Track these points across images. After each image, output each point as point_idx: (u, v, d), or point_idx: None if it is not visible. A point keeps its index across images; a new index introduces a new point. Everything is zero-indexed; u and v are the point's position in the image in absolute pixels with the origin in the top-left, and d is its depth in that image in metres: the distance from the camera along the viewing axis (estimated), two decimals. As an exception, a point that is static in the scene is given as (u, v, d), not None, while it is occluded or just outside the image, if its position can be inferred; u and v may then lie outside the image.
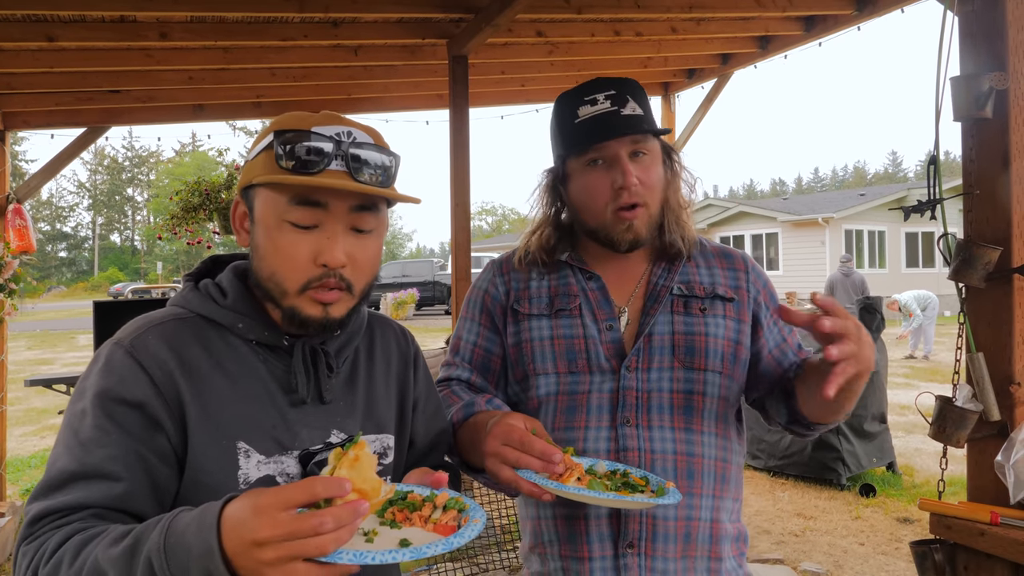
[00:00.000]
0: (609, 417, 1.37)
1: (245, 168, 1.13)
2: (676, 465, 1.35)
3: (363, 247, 1.10)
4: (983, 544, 1.86)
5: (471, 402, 1.40)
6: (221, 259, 1.24)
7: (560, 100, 1.45)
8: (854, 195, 27.20)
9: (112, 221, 70.46)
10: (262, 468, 1.07)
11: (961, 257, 1.95)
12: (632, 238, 1.40)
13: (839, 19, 4.94)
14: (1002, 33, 1.91)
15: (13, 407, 5.71)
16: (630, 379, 1.38)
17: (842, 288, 12.01)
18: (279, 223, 1.06)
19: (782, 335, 1.50)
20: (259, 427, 1.07)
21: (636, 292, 1.47)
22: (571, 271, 1.49)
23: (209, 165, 42.48)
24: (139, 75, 4.90)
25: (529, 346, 1.45)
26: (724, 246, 1.57)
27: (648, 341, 1.40)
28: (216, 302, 1.12)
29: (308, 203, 1.05)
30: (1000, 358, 1.95)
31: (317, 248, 1.06)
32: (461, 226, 4.75)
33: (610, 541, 1.34)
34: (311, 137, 1.04)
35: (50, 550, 0.92)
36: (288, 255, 1.06)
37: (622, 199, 1.37)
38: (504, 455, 1.15)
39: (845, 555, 4.48)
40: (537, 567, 1.44)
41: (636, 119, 1.37)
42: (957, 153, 2.43)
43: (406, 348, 1.34)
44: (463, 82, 4.67)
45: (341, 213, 1.07)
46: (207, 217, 5.92)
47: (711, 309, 1.43)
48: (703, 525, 1.36)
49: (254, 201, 1.10)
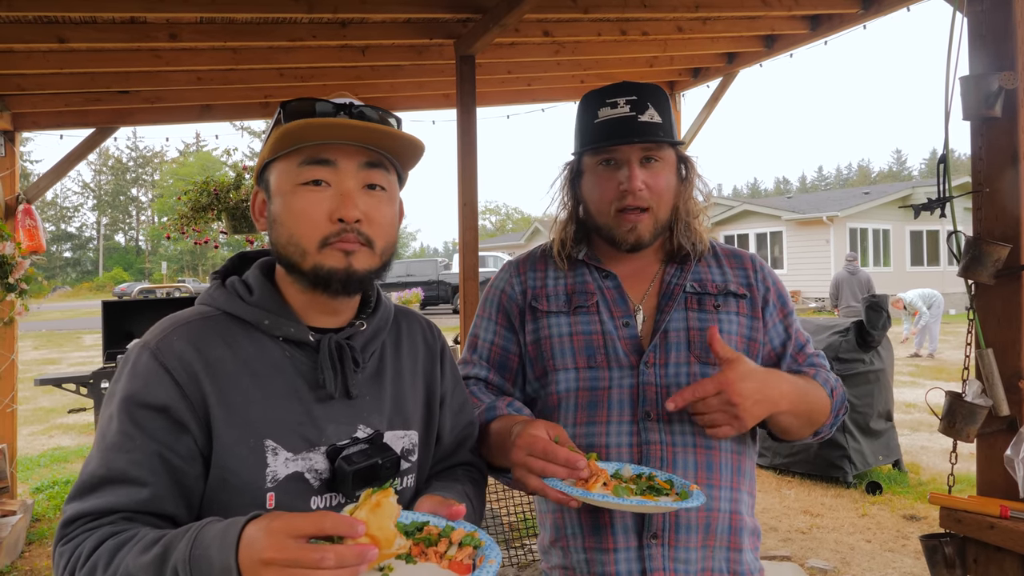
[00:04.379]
0: (631, 412, 1.40)
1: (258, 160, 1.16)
2: (696, 458, 1.38)
3: (377, 206, 1.12)
4: (993, 537, 1.88)
5: (492, 406, 1.43)
6: (248, 256, 1.26)
7: (585, 98, 1.50)
8: (858, 193, 27.13)
9: (116, 221, 70.64)
10: (290, 465, 1.08)
11: (970, 254, 1.97)
12: (634, 240, 1.45)
13: (845, 18, 4.94)
14: (1011, 33, 1.93)
15: (22, 407, 5.74)
16: (649, 374, 1.41)
17: (848, 286, 11.98)
18: (293, 188, 1.09)
19: (788, 333, 1.53)
20: (286, 424, 1.08)
21: (650, 290, 1.51)
22: (587, 269, 1.53)
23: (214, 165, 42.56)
24: (148, 76, 4.92)
25: (548, 342, 1.48)
26: (734, 247, 1.61)
27: (664, 337, 1.44)
28: (242, 299, 1.13)
29: (317, 162, 1.08)
30: (1009, 354, 1.97)
31: (332, 205, 1.08)
32: (469, 225, 4.77)
33: (634, 532, 1.37)
34: (315, 103, 1.09)
35: (85, 554, 0.96)
36: (305, 215, 1.08)
37: (625, 201, 1.43)
38: (530, 465, 1.18)
39: (852, 552, 4.49)
40: (558, 560, 1.46)
41: (652, 127, 1.42)
42: (963, 151, 2.44)
43: (433, 342, 1.34)
44: (470, 82, 4.68)
45: (351, 170, 1.09)
46: (215, 217, 5.96)
47: (724, 305, 1.48)
48: (723, 516, 1.40)
49: (269, 181, 1.13)
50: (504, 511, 4.63)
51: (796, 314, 1.57)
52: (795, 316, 1.56)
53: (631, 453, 1.38)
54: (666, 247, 1.53)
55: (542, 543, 1.54)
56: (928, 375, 11.38)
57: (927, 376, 11.25)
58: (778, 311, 1.53)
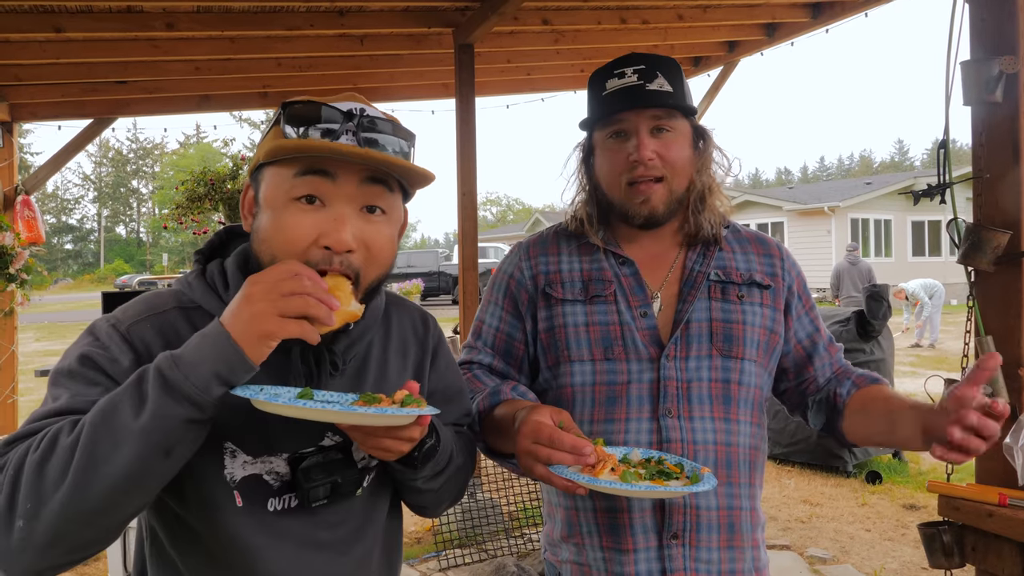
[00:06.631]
0: (650, 408, 1.34)
1: (256, 152, 1.08)
2: (716, 456, 1.34)
3: (375, 230, 1.02)
4: (991, 525, 1.87)
5: (496, 390, 1.37)
6: (236, 232, 1.19)
7: (593, 75, 1.44)
8: (860, 184, 27.05)
9: (117, 213, 70.58)
10: (248, 468, 1.04)
11: (970, 241, 1.96)
12: (648, 212, 1.38)
13: (846, 5, 4.91)
14: (1012, 17, 1.91)
15: (23, 398, 5.75)
16: (670, 369, 1.35)
17: (848, 277, 11.97)
18: (285, 202, 0.99)
19: (815, 325, 1.49)
20: (248, 427, 1.02)
21: (669, 277, 1.44)
22: (604, 255, 1.45)
23: (214, 156, 42.47)
24: (145, 66, 4.91)
25: (563, 332, 1.41)
26: (758, 232, 1.55)
27: (686, 328, 1.37)
28: (218, 295, 1.07)
29: (314, 172, 0.98)
30: (1009, 341, 1.96)
31: (322, 228, 0.98)
32: (468, 215, 4.75)
33: (654, 532, 1.32)
34: (320, 108, 0.99)
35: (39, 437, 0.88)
36: (289, 236, 0.98)
37: (636, 172, 1.35)
38: (536, 453, 1.13)
39: (851, 541, 4.49)
40: (571, 556, 1.41)
41: (662, 95, 1.35)
42: (964, 141, 2.42)
43: (424, 335, 1.27)
44: (469, 71, 4.66)
45: (350, 186, 1.00)
46: (212, 207, 5.95)
47: (748, 296, 1.41)
48: (745, 514, 1.37)
49: (261, 183, 1.04)
50: (504, 501, 4.64)
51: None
52: (817, 308, 1.53)
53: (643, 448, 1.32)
54: (684, 229, 1.45)
55: (551, 536, 1.48)
56: (929, 365, 11.37)
57: (928, 366, 11.24)
58: (804, 303, 1.49)
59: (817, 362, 1.48)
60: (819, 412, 1.47)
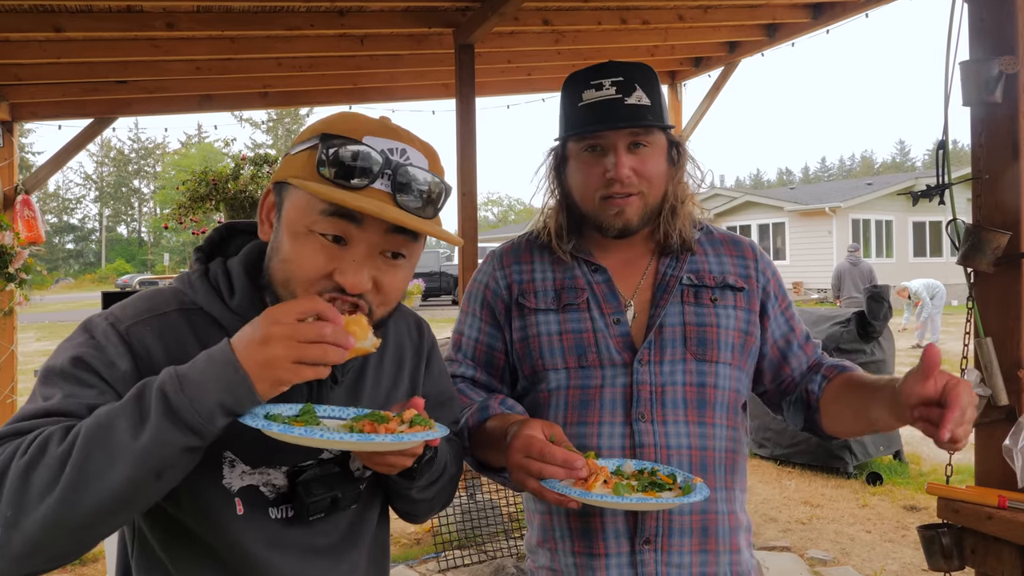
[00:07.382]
0: (623, 413, 1.34)
1: (285, 161, 1.04)
2: (691, 460, 1.33)
3: (392, 273, 1.02)
4: (990, 528, 1.87)
5: (484, 405, 1.37)
6: (237, 228, 1.16)
7: (569, 80, 1.41)
8: (861, 184, 27.06)
9: (119, 213, 70.64)
10: (246, 478, 1.03)
11: (970, 242, 1.95)
12: (622, 225, 1.37)
13: (847, 5, 4.91)
14: (1012, 17, 1.91)
15: (22, 398, 5.75)
16: (643, 373, 1.35)
17: (850, 277, 11.96)
18: (307, 232, 0.97)
19: (789, 325, 1.48)
20: (249, 437, 0.98)
21: (642, 284, 1.43)
22: (577, 263, 1.45)
23: (215, 156, 42.53)
24: (146, 65, 4.91)
25: (537, 341, 1.41)
26: (731, 233, 1.54)
27: (659, 333, 1.37)
28: (223, 300, 1.05)
29: (341, 215, 0.96)
30: (1008, 343, 1.95)
31: (339, 267, 0.97)
32: (468, 216, 4.76)
33: (626, 538, 1.32)
34: (359, 148, 0.96)
35: (27, 441, 0.85)
36: (306, 266, 0.97)
37: (612, 189, 1.34)
38: (528, 467, 1.13)
39: (852, 542, 4.49)
40: (546, 562, 1.41)
41: (640, 109, 1.32)
42: (965, 142, 2.42)
43: (419, 342, 1.26)
44: (469, 71, 4.66)
45: (376, 233, 0.98)
46: (214, 207, 5.95)
47: (722, 299, 1.41)
48: (721, 518, 1.35)
49: (285, 199, 1.01)
50: (503, 502, 4.64)
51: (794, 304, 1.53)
52: (793, 306, 1.52)
53: (623, 456, 1.32)
54: (656, 236, 1.44)
55: (529, 541, 1.48)
56: (930, 366, 11.32)
57: (929, 367, 11.20)
58: (779, 302, 1.48)
59: (793, 361, 1.47)
60: (796, 412, 1.46)
